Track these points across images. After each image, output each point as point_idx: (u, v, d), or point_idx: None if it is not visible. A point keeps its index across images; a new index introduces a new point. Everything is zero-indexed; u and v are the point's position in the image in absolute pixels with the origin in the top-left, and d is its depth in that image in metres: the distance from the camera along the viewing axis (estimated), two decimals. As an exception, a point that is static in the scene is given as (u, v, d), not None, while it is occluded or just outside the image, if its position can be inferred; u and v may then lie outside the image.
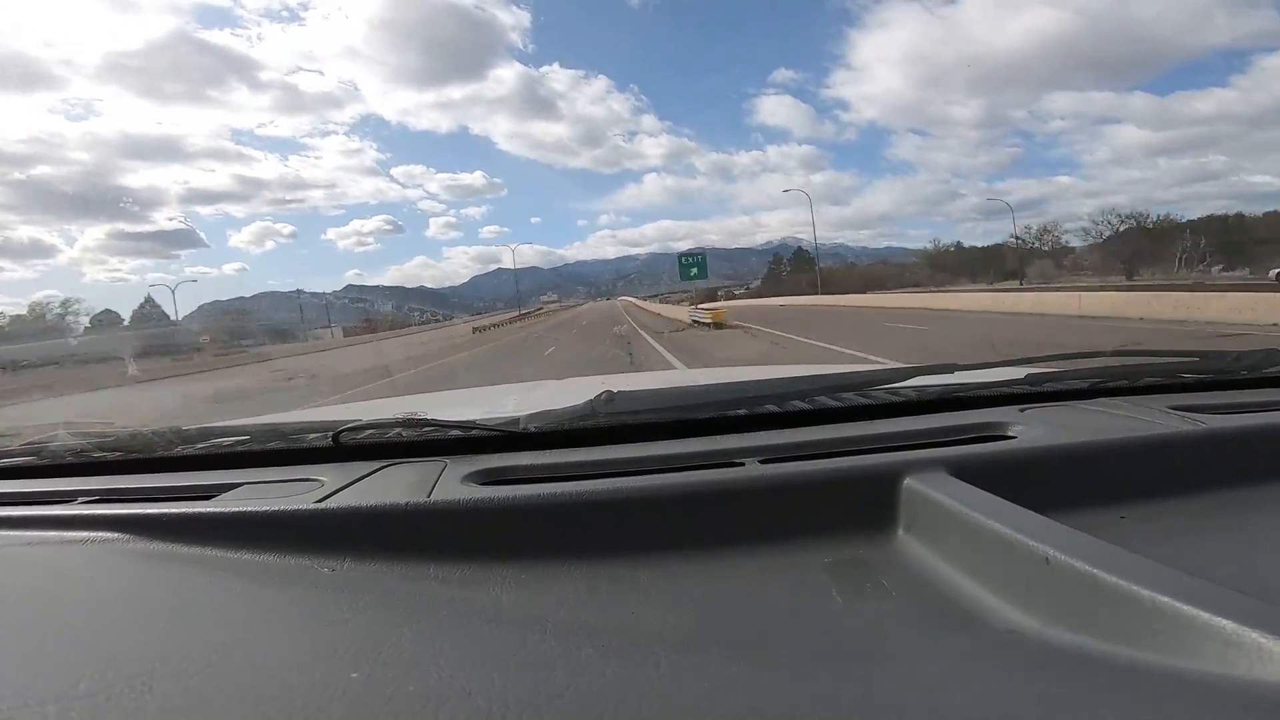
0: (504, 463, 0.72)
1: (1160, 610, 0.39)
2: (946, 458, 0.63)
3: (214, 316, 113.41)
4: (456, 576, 0.55)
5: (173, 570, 0.59)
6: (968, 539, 0.52)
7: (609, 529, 0.59)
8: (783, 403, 0.83)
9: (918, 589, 0.50)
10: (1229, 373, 0.92)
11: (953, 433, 0.74)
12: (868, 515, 0.59)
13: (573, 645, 0.43)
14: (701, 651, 0.42)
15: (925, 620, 0.46)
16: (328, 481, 0.70)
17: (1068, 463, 0.64)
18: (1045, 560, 0.45)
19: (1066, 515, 0.52)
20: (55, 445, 0.91)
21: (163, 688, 0.39)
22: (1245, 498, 0.61)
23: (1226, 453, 0.66)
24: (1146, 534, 0.55)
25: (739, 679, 0.39)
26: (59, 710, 0.37)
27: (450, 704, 0.37)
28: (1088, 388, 0.89)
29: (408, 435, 0.83)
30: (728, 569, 0.55)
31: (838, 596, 0.49)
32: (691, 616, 0.48)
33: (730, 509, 0.60)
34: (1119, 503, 0.60)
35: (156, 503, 0.71)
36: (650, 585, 0.52)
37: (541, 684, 0.39)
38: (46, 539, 0.67)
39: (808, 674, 0.40)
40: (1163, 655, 0.37)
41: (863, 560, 0.54)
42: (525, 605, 0.50)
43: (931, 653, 0.42)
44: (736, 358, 10.97)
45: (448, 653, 0.43)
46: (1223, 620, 0.36)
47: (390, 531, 0.60)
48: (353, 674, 0.40)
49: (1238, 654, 0.35)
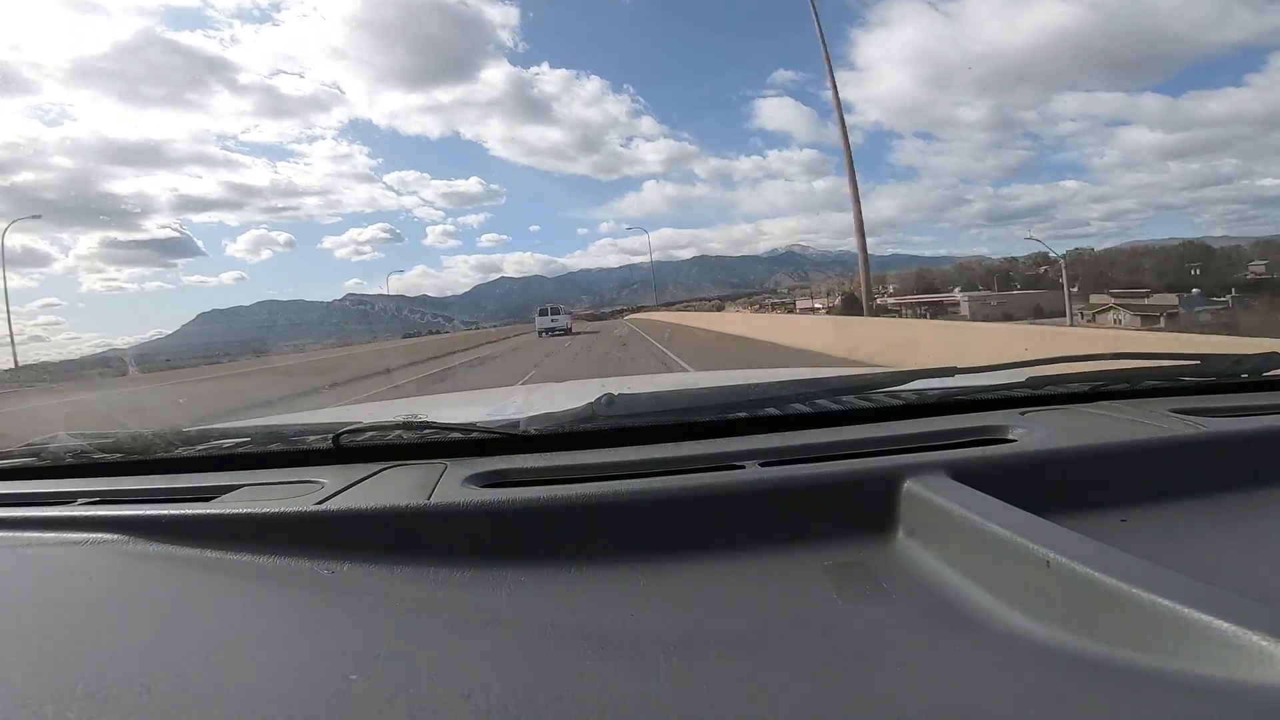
0: (504, 465, 0.72)
1: (1161, 613, 0.39)
2: (947, 461, 0.63)
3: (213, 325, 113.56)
4: (457, 579, 0.55)
5: (172, 572, 0.59)
6: (968, 542, 0.51)
7: (609, 532, 0.59)
8: (783, 405, 0.83)
9: (918, 592, 0.49)
10: (1230, 376, 0.92)
11: (953, 436, 0.74)
12: (868, 518, 0.59)
13: (573, 648, 0.43)
14: (701, 654, 0.42)
15: (926, 623, 0.45)
16: (328, 484, 0.70)
17: (1069, 466, 0.64)
18: (1046, 563, 0.45)
19: (1067, 518, 0.52)
20: (55, 446, 0.91)
21: (162, 689, 0.39)
22: (1246, 501, 0.61)
23: (1227, 456, 0.66)
24: (1147, 537, 0.55)
25: (739, 682, 0.39)
26: (57, 711, 0.37)
27: (450, 706, 0.37)
28: (1088, 391, 0.89)
29: (408, 437, 0.83)
30: (728, 572, 0.54)
31: (838, 599, 0.49)
32: (691, 619, 0.48)
33: (731, 512, 0.60)
34: (1120, 506, 0.60)
35: (156, 504, 0.71)
36: (650, 588, 0.52)
37: (541, 686, 0.39)
38: (46, 540, 0.67)
39: (808, 677, 0.39)
40: (1164, 658, 0.37)
41: (863, 563, 0.54)
42: (525, 608, 0.50)
43: (932, 656, 0.42)
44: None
45: (447, 655, 0.43)
46: (1224, 623, 0.36)
47: (390, 534, 0.60)
48: (352, 676, 0.40)
49: (1239, 657, 0.35)
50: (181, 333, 74.21)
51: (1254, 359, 0.92)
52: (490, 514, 0.60)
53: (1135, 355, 0.97)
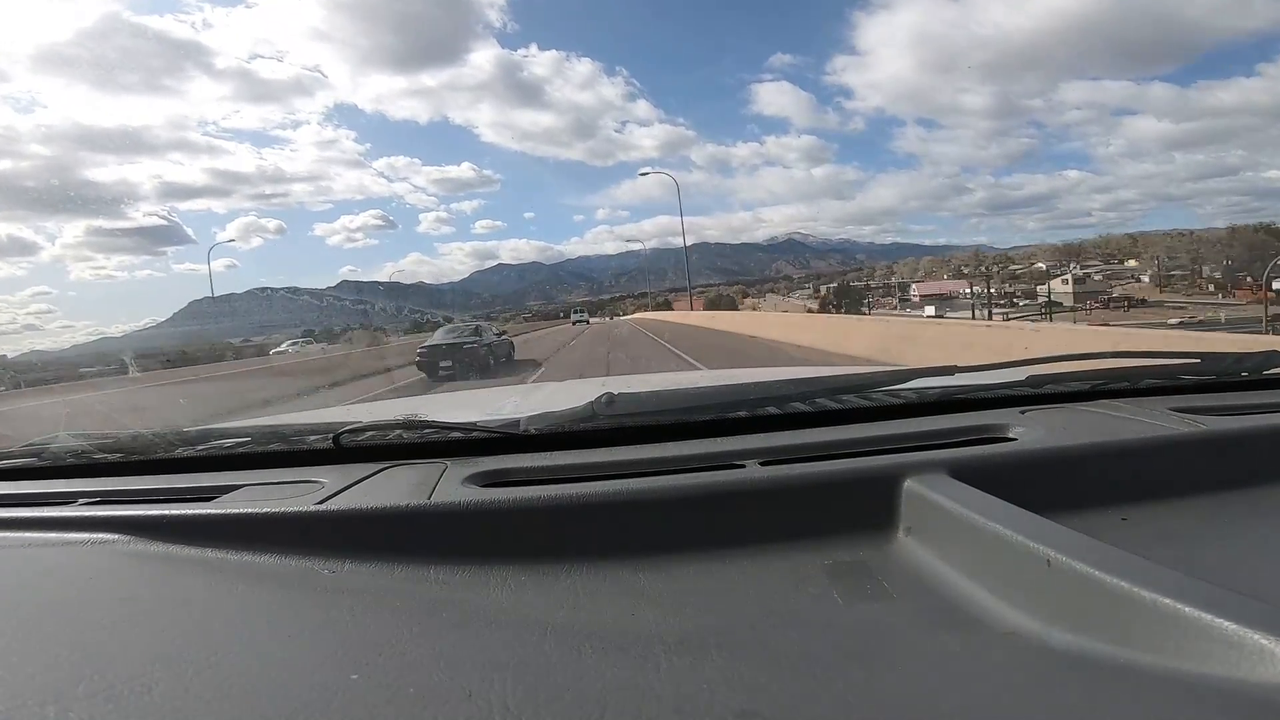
0: (504, 465, 0.72)
1: (1162, 612, 0.39)
2: (947, 460, 0.63)
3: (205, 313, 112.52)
4: (457, 578, 0.55)
5: (173, 572, 0.59)
6: (968, 541, 0.52)
7: (609, 531, 0.59)
8: (783, 405, 0.83)
9: (918, 591, 0.50)
10: (1230, 374, 0.93)
11: (953, 434, 0.74)
12: (868, 517, 0.59)
13: (573, 647, 0.43)
14: (701, 653, 0.42)
15: (926, 622, 0.46)
16: (328, 483, 0.70)
17: (1068, 464, 0.64)
18: (1046, 562, 0.45)
19: (1067, 517, 0.52)
20: (55, 446, 0.91)
21: (162, 689, 0.39)
22: (1247, 499, 0.61)
23: (1227, 454, 0.66)
24: (1148, 536, 0.55)
25: (739, 680, 0.39)
26: (59, 711, 0.37)
27: (450, 705, 0.37)
28: (1088, 389, 0.89)
29: (408, 437, 0.83)
30: (728, 571, 0.55)
31: (838, 598, 0.49)
32: (692, 618, 0.48)
33: (731, 511, 0.60)
34: (1120, 504, 0.60)
35: (157, 504, 0.71)
36: (650, 587, 0.53)
37: (542, 685, 0.39)
38: (47, 540, 0.67)
39: (808, 676, 0.40)
40: (1164, 657, 0.37)
41: (863, 562, 0.54)
42: (525, 607, 0.50)
43: (932, 655, 0.42)
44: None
45: (448, 654, 0.43)
46: (1224, 622, 0.36)
47: (391, 533, 0.60)
48: (353, 675, 0.40)
49: (1239, 656, 0.35)
50: (174, 319, 74.24)
51: (1254, 357, 0.92)
52: (490, 513, 0.60)
53: (1135, 354, 0.97)
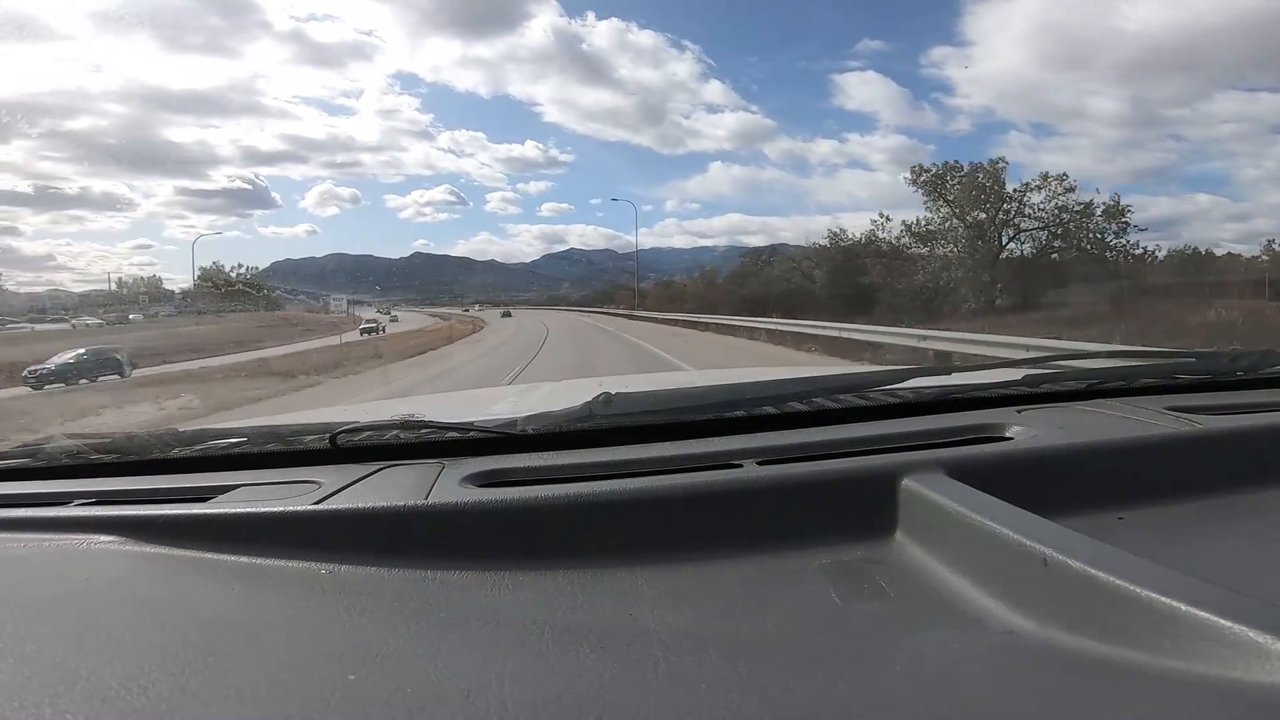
0: (502, 465, 0.72)
1: (1158, 611, 0.39)
2: (944, 459, 0.63)
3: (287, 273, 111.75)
4: (454, 578, 0.55)
5: (169, 572, 0.59)
6: (965, 540, 0.52)
7: (607, 531, 0.59)
8: (781, 404, 0.83)
9: (915, 590, 0.50)
10: (1225, 373, 0.93)
11: (950, 434, 0.74)
12: (866, 517, 0.59)
13: (570, 647, 0.43)
14: (699, 653, 0.42)
15: (923, 621, 0.46)
16: (325, 483, 0.70)
17: (1065, 463, 0.64)
18: (1043, 561, 0.45)
19: (1064, 516, 0.53)
20: (51, 447, 0.91)
21: (159, 690, 0.39)
22: (1243, 498, 0.61)
23: (1223, 453, 0.66)
24: (1144, 535, 0.55)
25: (737, 681, 0.39)
26: (55, 712, 0.37)
27: (448, 706, 0.37)
28: (1085, 389, 0.90)
29: (405, 437, 0.82)
30: (725, 571, 0.55)
31: (836, 598, 0.49)
32: (689, 618, 0.48)
33: (728, 511, 0.60)
34: (1116, 503, 0.60)
35: (153, 505, 0.71)
36: (648, 587, 0.52)
37: (539, 686, 0.39)
38: (42, 541, 0.67)
39: (806, 676, 0.40)
40: (1161, 656, 0.37)
41: (861, 562, 0.54)
42: (523, 607, 0.50)
43: (929, 654, 0.42)
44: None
45: (445, 655, 0.43)
46: (1221, 620, 0.36)
47: (388, 533, 0.60)
48: (350, 676, 0.40)
49: (1236, 654, 0.35)
50: (260, 276, 73.60)
51: (1250, 356, 0.92)
52: (488, 513, 0.60)
53: (1132, 353, 0.97)
